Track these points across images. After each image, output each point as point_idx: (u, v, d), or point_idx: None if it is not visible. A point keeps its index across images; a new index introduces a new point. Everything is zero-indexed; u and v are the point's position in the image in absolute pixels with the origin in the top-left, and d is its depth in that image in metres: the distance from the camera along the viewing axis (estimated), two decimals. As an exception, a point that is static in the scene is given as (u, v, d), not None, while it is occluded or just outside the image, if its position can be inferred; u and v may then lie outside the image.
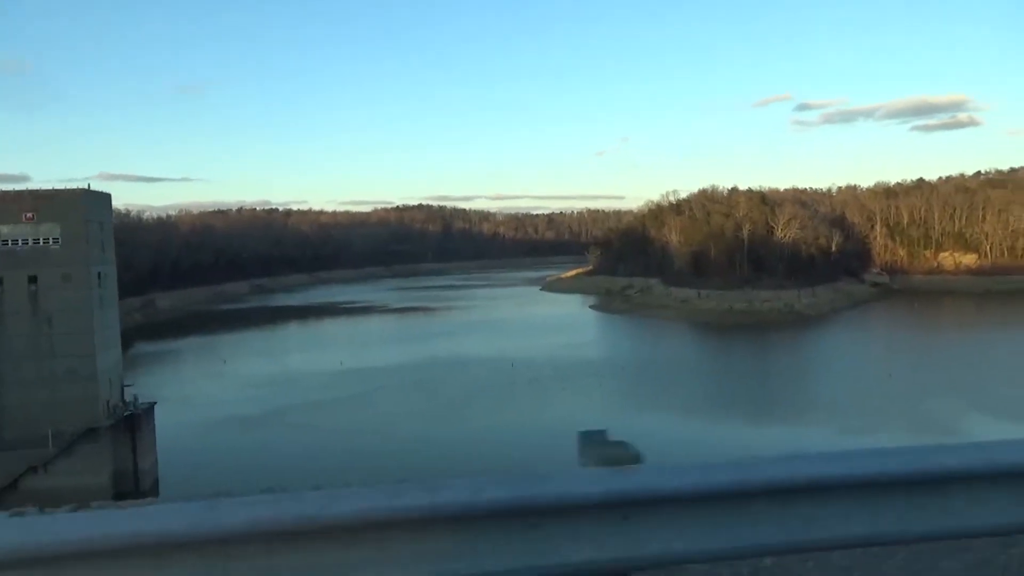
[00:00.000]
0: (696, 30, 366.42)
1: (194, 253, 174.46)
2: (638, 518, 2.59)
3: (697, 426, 51.52)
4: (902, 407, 56.39)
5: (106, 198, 44.54)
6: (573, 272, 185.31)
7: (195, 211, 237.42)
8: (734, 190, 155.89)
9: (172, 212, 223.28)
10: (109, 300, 43.64)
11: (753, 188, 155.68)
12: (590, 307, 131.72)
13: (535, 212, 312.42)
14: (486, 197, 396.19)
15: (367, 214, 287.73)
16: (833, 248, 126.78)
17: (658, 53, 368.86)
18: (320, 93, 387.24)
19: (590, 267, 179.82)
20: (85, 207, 40.93)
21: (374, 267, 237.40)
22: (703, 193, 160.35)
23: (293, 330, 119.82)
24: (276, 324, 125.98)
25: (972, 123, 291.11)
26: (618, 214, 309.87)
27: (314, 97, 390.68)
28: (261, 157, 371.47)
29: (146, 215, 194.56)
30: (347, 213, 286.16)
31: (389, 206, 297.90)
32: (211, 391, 67.73)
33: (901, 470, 2.73)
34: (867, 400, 59.61)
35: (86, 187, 42.00)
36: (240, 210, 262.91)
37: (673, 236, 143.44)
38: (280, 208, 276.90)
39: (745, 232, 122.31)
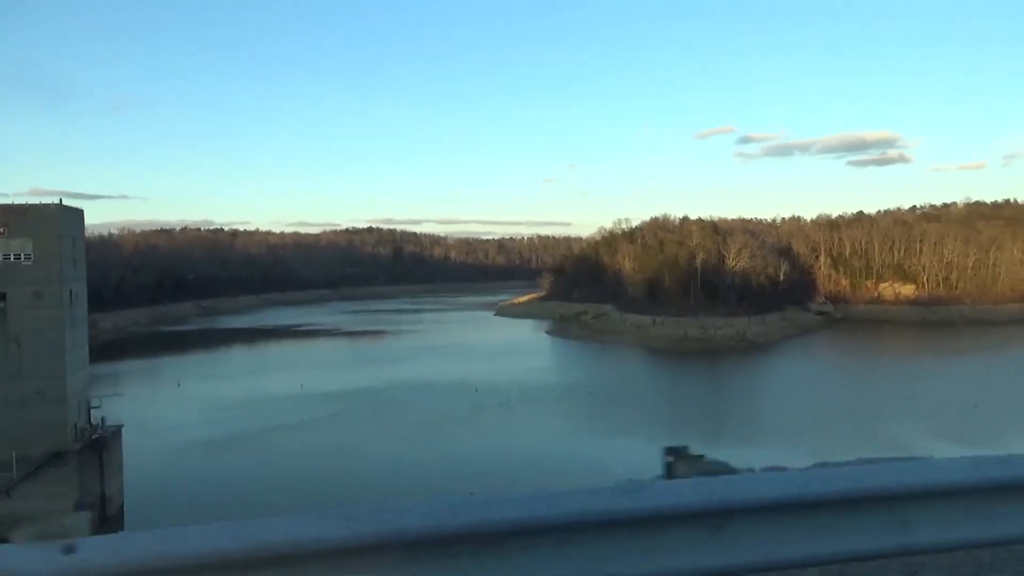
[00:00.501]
0: (641, 61, 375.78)
1: (137, 273, 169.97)
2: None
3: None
4: (849, 428, 58.52)
5: (79, 213, 43.30)
6: (526, 297, 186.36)
7: (136, 229, 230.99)
8: (685, 219, 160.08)
9: (114, 230, 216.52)
10: (80, 319, 42.31)
11: (701, 217, 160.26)
12: (546, 332, 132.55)
13: (485, 237, 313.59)
14: (434, 221, 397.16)
15: (316, 236, 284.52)
16: (781, 277, 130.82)
17: (604, 82, 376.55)
18: (263, 113, 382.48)
19: (543, 293, 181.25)
20: (59, 223, 39.78)
21: (324, 290, 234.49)
22: (655, 221, 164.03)
23: (246, 353, 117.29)
24: (228, 346, 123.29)
25: (902, 159, 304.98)
26: (567, 240, 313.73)
27: (257, 116, 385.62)
28: (203, 175, 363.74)
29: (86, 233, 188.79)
30: (296, 235, 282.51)
31: (337, 228, 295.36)
32: (170, 415, 65.83)
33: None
34: (818, 422, 61.68)
35: (44, 202, 40.76)
36: (184, 229, 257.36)
37: (627, 263, 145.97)
38: (225, 228, 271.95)
39: (698, 261, 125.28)
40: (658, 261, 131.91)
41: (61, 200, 41.18)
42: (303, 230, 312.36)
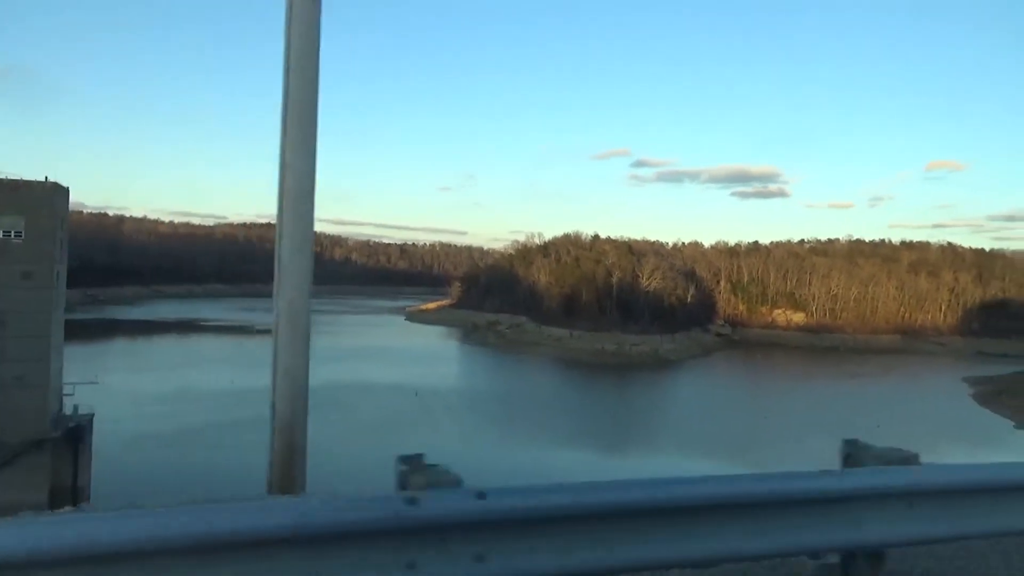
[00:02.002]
0: (541, 79, 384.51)
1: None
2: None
3: (631, 454, 55.66)
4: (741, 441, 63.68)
5: (65, 192, 41.55)
6: (434, 304, 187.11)
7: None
8: (596, 237, 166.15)
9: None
10: (60, 302, 40.54)
11: (611, 237, 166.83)
12: (463, 340, 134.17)
13: (384, 241, 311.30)
14: (326, 221, 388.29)
15: (210, 228, 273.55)
16: (689, 299, 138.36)
17: (504, 97, 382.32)
18: (145, 92, 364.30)
19: (451, 300, 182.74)
20: (52, 201, 38.27)
21: (220, 284, 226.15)
22: (567, 238, 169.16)
23: (157, 347, 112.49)
24: (132, 339, 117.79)
25: (781, 194, 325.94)
26: (468, 250, 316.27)
27: (135, 94, 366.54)
28: (75, 155, 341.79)
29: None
30: (188, 225, 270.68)
31: (222, 221, 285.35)
32: (106, 409, 63.19)
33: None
34: (722, 435, 66.66)
35: (44, 179, 39.12)
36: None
37: (542, 276, 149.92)
38: (109, 213, 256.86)
39: (615, 279, 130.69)
40: (575, 276, 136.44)
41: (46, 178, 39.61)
42: (184, 220, 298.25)
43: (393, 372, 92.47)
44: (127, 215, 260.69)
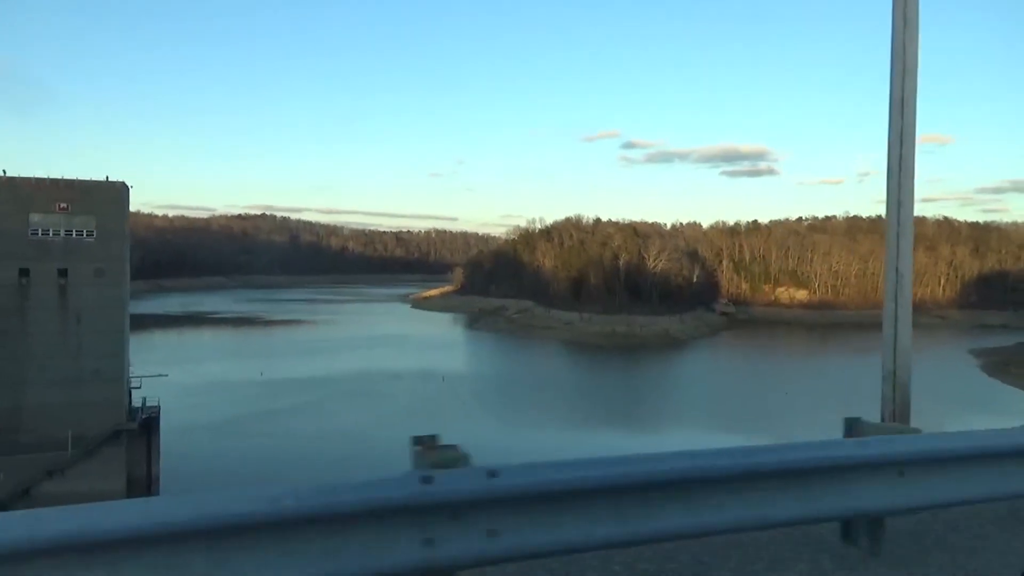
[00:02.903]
0: (530, 62, 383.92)
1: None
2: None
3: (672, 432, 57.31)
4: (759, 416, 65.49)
5: (128, 191, 42.38)
6: (437, 291, 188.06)
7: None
8: (598, 221, 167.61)
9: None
10: (127, 298, 41.54)
11: (600, 219, 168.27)
12: (473, 326, 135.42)
13: (381, 229, 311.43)
14: (316, 210, 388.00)
15: (206, 220, 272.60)
16: (694, 279, 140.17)
17: (493, 81, 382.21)
18: (132, 89, 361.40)
19: (454, 287, 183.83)
20: (122, 201, 39.13)
21: (218, 277, 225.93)
22: (568, 221, 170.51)
23: (177, 340, 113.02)
24: (150, 332, 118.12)
25: (771, 172, 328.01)
26: (464, 236, 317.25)
27: (125, 91, 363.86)
28: (68, 153, 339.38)
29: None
30: (183, 218, 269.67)
31: (214, 213, 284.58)
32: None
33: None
34: (743, 409, 68.45)
35: (105, 178, 39.89)
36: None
37: (547, 261, 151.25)
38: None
39: (622, 261, 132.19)
40: (582, 260, 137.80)
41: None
42: (179, 213, 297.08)
43: (413, 359, 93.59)
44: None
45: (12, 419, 36.97)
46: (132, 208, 40.92)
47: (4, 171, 37.02)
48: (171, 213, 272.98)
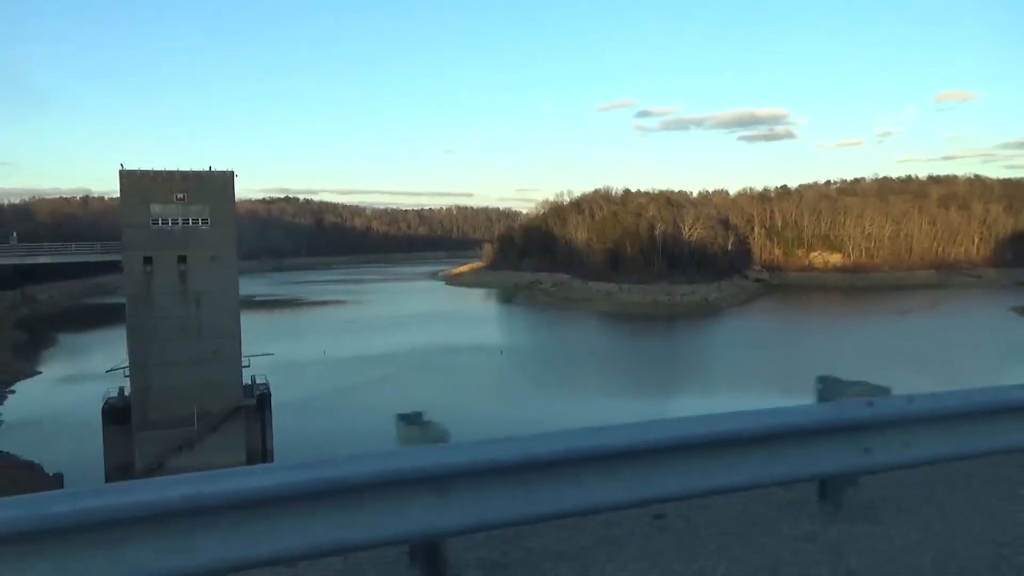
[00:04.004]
0: (541, 34, 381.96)
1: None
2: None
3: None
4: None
5: (233, 179, 44.06)
6: (467, 267, 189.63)
7: (27, 198, 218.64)
8: (627, 191, 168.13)
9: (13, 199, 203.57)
10: (237, 281, 43.39)
11: (631, 190, 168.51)
12: (512, 300, 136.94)
13: (403, 208, 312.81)
14: (331, 191, 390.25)
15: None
16: (729, 247, 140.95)
17: (505, 55, 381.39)
18: (143, 76, 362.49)
19: (484, 262, 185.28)
20: (230, 188, 40.79)
21: (251, 261, 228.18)
22: (598, 193, 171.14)
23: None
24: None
25: (788, 135, 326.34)
26: (486, 212, 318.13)
27: (131, 81, 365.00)
28: (71, 141, 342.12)
29: None
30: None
31: (250, 199, 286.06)
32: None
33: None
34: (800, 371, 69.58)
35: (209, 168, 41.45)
36: (90, 198, 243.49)
37: (580, 234, 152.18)
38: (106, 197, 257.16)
39: (658, 231, 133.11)
40: (617, 231, 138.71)
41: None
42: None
43: (463, 334, 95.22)
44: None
45: (143, 398, 39.00)
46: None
47: (122, 164, 38.89)
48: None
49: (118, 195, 39.12)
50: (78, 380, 64.77)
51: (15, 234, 52.19)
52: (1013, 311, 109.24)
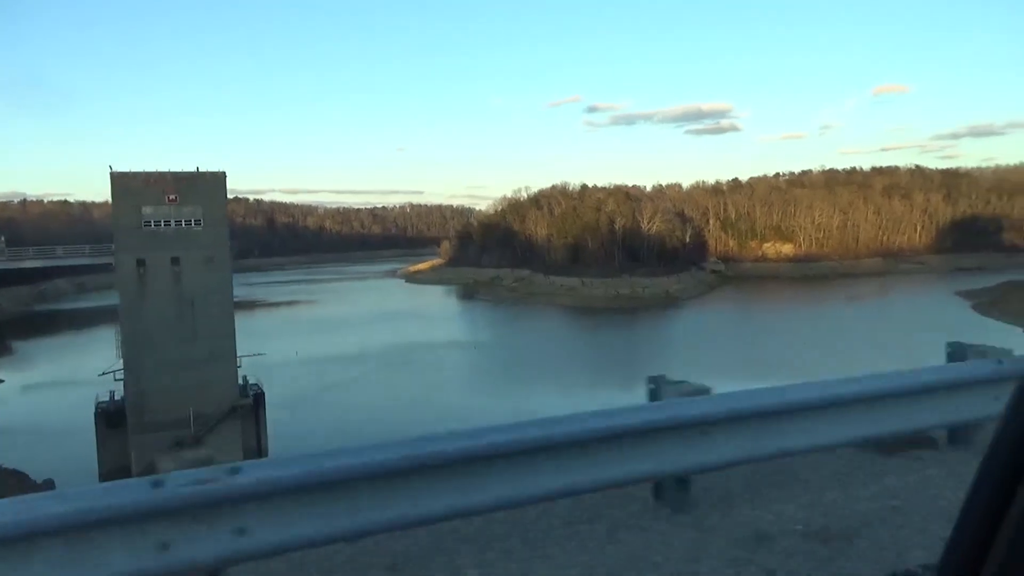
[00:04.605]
0: (489, 27, 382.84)
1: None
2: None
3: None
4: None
5: (225, 179, 43.80)
6: (426, 264, 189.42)
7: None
8: (584, 187, 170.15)
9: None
10: (231, 282, 43.28)
11: (587, 185, 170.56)
12: (475, 296, 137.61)
13: (356, 207, 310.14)
14: (279, 191, 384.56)
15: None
16: (687, 240, 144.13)
17: (452, 50, 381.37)
18: (85, 72, 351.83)
19: (443, 259, 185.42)
20: (224, 189, 40.69)
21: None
22: (555, 189, 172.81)
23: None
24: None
25: (733, 129, 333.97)
26: (439, 209, 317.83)
27: (78, 76, 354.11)
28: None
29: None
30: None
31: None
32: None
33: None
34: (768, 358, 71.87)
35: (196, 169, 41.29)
36: (34, 202, 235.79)
37: (540, 229, 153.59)
38: (71, 200, 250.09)
39: (618, 226, 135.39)
40: (578, 226, 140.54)
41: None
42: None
43: (432, 330, 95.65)
44: (87, 200, 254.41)
45: (138, 401, 38.76)
46: (82, 199, 41.45)
47: (111, 167, 38.47)
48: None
49: (92, 199, 38.79)
50: (50, 387, 63.45)
51: (3, 238, 50.93)
52: (958, 295, 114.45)
